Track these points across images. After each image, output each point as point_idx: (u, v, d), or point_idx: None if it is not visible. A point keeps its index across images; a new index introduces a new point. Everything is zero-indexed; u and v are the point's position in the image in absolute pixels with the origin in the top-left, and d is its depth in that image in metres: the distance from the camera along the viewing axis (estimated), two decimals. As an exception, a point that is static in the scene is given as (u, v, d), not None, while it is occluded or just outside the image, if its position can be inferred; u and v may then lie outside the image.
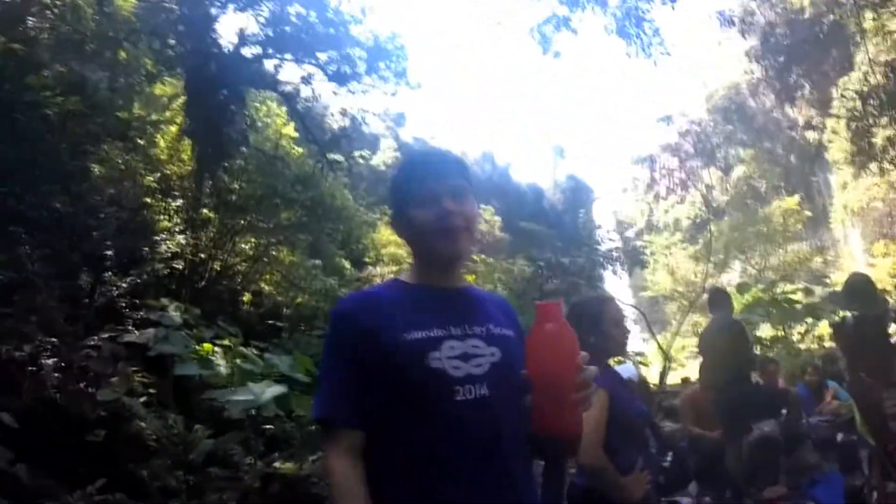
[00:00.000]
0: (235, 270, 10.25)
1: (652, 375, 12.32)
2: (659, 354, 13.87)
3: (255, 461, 4.78)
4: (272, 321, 9.42)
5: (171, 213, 8.98)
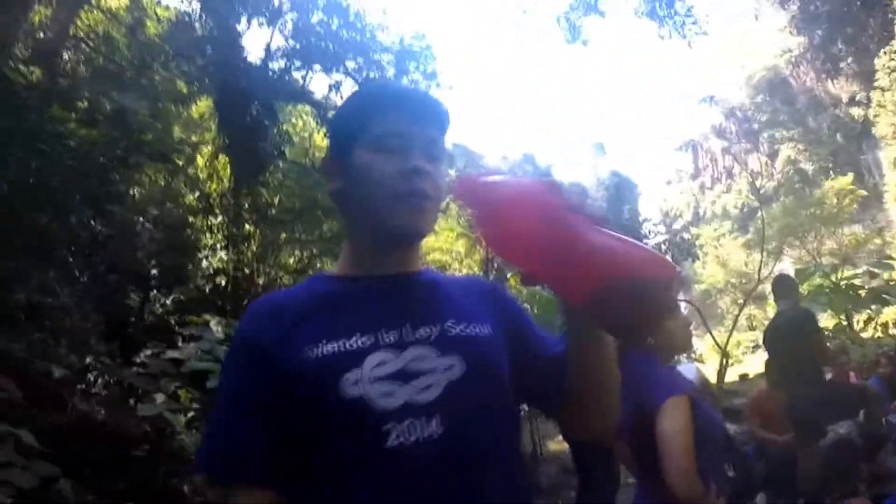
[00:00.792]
0: (281, 284, 10.39)
1: (708, 373, 11.78)
2: (715, 351, 13.26)
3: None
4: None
5: (212, 229, 9.20)
